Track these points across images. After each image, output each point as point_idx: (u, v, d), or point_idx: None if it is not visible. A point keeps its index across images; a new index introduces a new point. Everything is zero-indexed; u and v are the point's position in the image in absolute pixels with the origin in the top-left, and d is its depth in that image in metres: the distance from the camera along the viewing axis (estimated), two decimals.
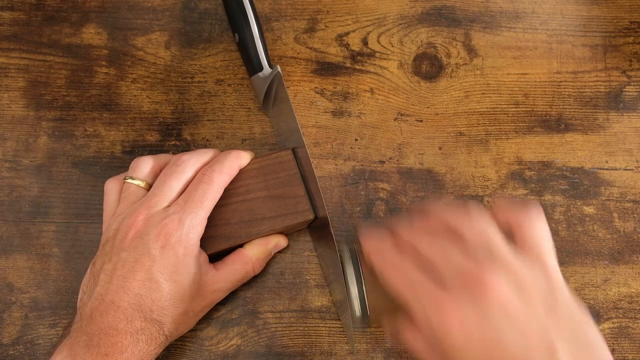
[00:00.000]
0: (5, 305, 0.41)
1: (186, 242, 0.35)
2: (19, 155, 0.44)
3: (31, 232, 0.43)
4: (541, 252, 0.31)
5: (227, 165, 0.38)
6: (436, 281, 0.30)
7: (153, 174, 0.39)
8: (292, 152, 0.41)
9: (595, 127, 0.46)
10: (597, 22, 0.49)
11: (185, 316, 0.36)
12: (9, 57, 0.47)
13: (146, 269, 0.34)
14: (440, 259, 0.31)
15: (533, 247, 0.31)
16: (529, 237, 0.31)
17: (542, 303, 0.29)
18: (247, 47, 0.44)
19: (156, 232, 0.35)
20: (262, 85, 0.43)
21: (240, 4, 0.44)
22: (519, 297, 0.28)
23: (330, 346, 0.41)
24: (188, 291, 0.36)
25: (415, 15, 0.49)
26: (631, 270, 0.43)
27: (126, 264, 0.35)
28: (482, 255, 0.30)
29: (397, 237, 0.34)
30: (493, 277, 0.28)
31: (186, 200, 0.36)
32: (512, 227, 0.32)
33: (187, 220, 0.35)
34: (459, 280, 0.29)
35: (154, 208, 0.36)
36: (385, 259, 0.33)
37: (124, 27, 0.48)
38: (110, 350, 0.33)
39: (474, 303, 0.28)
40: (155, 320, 0.34)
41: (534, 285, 0.29)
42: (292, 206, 0.39)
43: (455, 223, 0.32)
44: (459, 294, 0.29)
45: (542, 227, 0.32)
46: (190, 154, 0.39)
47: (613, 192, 0.45)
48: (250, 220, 0.39)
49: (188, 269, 0.35)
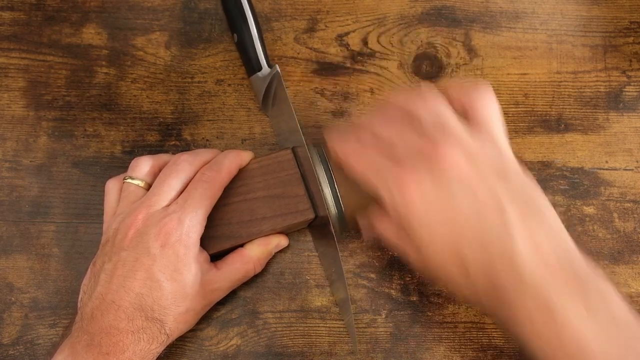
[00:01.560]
0: (5, 305, 0.41)
1: (186, 240, 0.35)
2: (19, 155, 0.44)
3: (31, 232, 0.43)
4: (492, 128, 0.33)
5: (227, 165, 0.38)
6: (396, 160, 0.32)
7: (152, 174, 0.39)
8: (292, 152, 0.40)
9: (595, 127, 0.46)
10: (597, 22, 0.49)
11: (186, 315, 0.36)
12: (9, 57, 0.47)
13: (146, 268, 0.34)
14: (398, 139, 0.33)
15: (484, 124, 0.33)
16: (480, 115, 0.33)
17: (493, 172, 0.30)
18: (246, 47, 0.44)
19: (156, 231, 0.35)
20: (261, 85, 0.43)
21: (238, 4, 0.44)
22: (472, 166, 0.30)
23: (330, 346, 0.41)
24: (189, 290, 0.36)
25: (415, 15, 0.49)
26: (631, 270, 0.43)
27: (126, 263, 0.35)
28: (437, 132, 0.31)
29: (358, 129, 0.35)
30: (447, 150, 0.30)
31: (186, 199, 0.36)
32: (464, 106, 0.34)
33: (187, 219, 0.35)
34: (416, 156, 0.31)
35: (153, 207, 0.36)
36: (349, 149, 0.35)
37: (124, 27, 0.48)
38: (111, 350, 0.33)
39: (431, 174, 0.30)
40: (157, 319, 0.34)
41: (486, 156, 0.31)
42: (293, 205, 0.39)
43: (411, 106, 0.33)
44: (417, 168, 0.31)
45: (492, 106, 0.34)
46: (189, 153, 0.39)
47: (613, 192, 0.45)
48: (250, 220, 0.39)
49: (188, 267, 0.35)
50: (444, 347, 0.41)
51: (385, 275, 0.42)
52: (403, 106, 0.34)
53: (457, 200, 0.30)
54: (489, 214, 0.30)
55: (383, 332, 0.41)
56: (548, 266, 0.29)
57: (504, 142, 0.33)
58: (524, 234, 0.30)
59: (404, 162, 0.32)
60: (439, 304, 0.42)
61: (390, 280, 0.42)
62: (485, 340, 0.41)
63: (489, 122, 0.33)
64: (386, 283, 0.42)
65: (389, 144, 0.33)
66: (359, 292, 0.42)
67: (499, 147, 0.32)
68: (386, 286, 0.42)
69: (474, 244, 0.30)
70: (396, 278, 0.42)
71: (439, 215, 0.30)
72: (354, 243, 0.43)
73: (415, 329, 0.41)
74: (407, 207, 0.31)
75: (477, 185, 0.30)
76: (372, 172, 0.33)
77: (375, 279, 0.42)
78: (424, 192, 0.31)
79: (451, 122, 0.32)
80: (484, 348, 0.39)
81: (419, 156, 0.31)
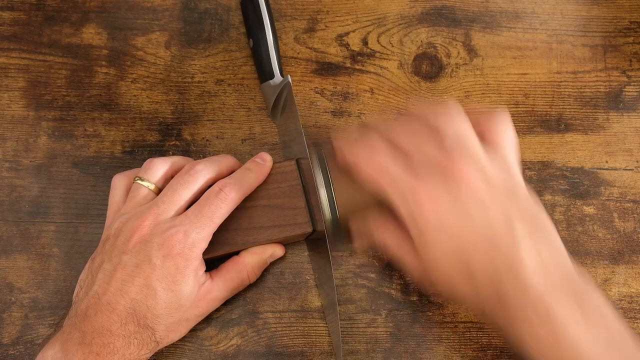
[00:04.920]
0: (5, 305, 0.41)
1: (188, 254, 0.35)
2: (19, 155, 0.44)
3: (31, 232, 0.43)
4: (506, 153, 0.35)
5: (247, 185, 0.38)
6: (412, 170, 0.33)
7: (165, 179, 0.38)
8: (295, 163, 0.40)
9: (595, 127, 0.46)
10: (597, 22, 0.49)
11: (178, 324, 0.36)
12: (9, 57, 0.47)
13: (145, 276, 0.34)
14: (417, 150, 0.34)
15: (500, 148, 0.35)
16: (497, 140, 0.35)
17: (505, 192, 0.33)
18: (261, 54, 0.44)
19: (160, 241, 0.35)
20: (272, 93, 0.43)
21: (257, 10, 0.44)
22: (486, 185, 0.32)
23: (330, 346, 0.41)
24: (184, 301, 0.36)
25: (415, 15, 0.49)
26: (631, 270, 0.43)
27: (126, 267, 0.34)
28: (457, 149, 0.33)
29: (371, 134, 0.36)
30: (464, 167, 0.32)
31: (196, 214, 0.36)
32: (482, 130, 0.35)
33: (193, 234, 0.35)
34: (433, 169, 0.33)
35: (161, 216, 0.36)
36: (360, 152, 0.35)
37: (124, 27, 0.48)
38: (102, 350, 0.33)
39: (447, 187, 0.32)
40: (148, 326, 0.34)
41: (499, 178, 0.33)
42: (291, 217, 0.39)
43: (436, 121, 0.35)
44: (434, 180, 0.33)
45: (509, 133, 0.36)
46: (204, 163, 0.38)
47: (613, 192, 0.45)
48: (248, 228, 0.39)
49: (186, 280, 0.35)
50: (444, 347, 0.41)
51: (385, 275, 0.42)
52: (428, 119, 0.35)
53: (470, 214, 0.32)
54: (499, 228, 0.32)
55: (383, 332, 0.41)
56: (549, 278, 0.31)
57: (516, 166, 0.35)
58: (530, 248, 0.32)
59: (420, 172, 0.33)
60: (439, 304, 0.42)
61: (390, 280, 0.42)
62: (485, 340, 0.41)
63: (504, 147, 0.35)
64: (386, 283, 0.42)
65: (406, 153, 0.34)
66: (359, 292, 0.42)
67: (511, 170, 0.35)
68: (386, 286, 0.42)
69: (483, 254, 0.32)
70: (396, 278, 0.42)
71: (451, 225, 0.32)
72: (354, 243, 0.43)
73: (415, 329, 0.41)
74: (422, 215, 0.33)
75: (489, 202, 0.32)
76: (385, 179, 0.34)
77: (375, 279, 0.42)
78: (439, 203, 0.32)
79: (471, 141, 0.34)
80: (484, 348, 0.39)
81: (437, 169, 0.33)
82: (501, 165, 0.34)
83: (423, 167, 0.33)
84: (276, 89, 0.42)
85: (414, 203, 0.33)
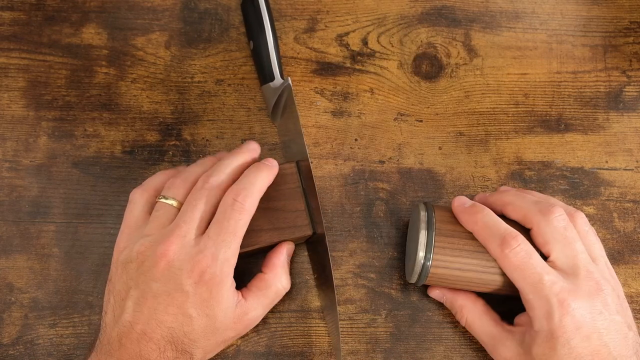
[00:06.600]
0: (5, 305, 0.41)
1: (220, 276, 0.34)
2: (19, 155, 0.44)
3: (31, 232, 0.43)
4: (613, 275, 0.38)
5: (259, 187, 0.37)
6: (563, 277, 0.35)
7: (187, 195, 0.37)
8: (296, 166, 0.40)
9: (595, 127, 0.46)
10: (597, 22, 0.49)
11: (215, 346, 0.36)
12: (9, 57, 0.47)
13: (179, 304, 0.34)
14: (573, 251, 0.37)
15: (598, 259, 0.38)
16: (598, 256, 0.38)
17: (618, 309, 0.36)
18: (261, 56, 0.44)
19: (189, 268, 0.34)
20: (272, 95, 0.43)
21: (257, 12, 0.44)
22: (615, 301, 0.36)
23: (330, 346, 0.41)
24: (219, 324, 0.35)
25: (415, 15, 0.49)
26: (631, 270, 0.43)
27: (158, 296, 0.34)
28: (605, 270, 0.37)
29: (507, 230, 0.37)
30: (603, 283, 0.36)
31: (218, 232, 0.35)
32: None
33: (221, 254, 0.34)
34: (587, 282, 0.35)
35: (185, 238, 0.35)
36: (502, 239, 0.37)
37: (124, 27, 0.48)
38: None
39: (590, 301, 0.35)
40: (186, 351, 0.34)
41: (619, 289, 0.37)
42: (291, 220, 0.39)
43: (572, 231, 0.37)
44: (580, 290, 0.35)
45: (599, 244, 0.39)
46: (217, 172, 0.37)
47: (613, 192, 0.45)
48: (248, 230, 0.38)
49: (220, 303, 0.35)
50: (444, 347, 0.41)
51: (385, 275, 0.42)
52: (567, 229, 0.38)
53: (601, 327, 0.35)
54: (616, 334, 0.35)
55: (383, 332, 0.41)
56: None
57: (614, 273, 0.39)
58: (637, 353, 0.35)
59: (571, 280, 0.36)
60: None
61: (390, 280, 0.42)
62: None
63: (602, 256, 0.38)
64: (386, 283, 0.42)
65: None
66: (359, 292, 0.42)
67: (619, 285, 0.38)
68: (386, 286, 0.42)
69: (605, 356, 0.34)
70: (396, 278, 0.42)
71: (583, 340, 0.34)
72: (354, 243, 0.43)
73: (415, 329, 0.41)
74: (561, 326, 0.34)
75: (610, 314, 0.35)
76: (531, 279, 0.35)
77: (375, 279, 0.42)
78: (580, 312, 0.35)
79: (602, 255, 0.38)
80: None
81: (584, 280, 0.35)
82: (615, 279, 0.38)
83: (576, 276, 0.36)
84: (276, 91, 0.42)
85: (560, 308, 0.34)
